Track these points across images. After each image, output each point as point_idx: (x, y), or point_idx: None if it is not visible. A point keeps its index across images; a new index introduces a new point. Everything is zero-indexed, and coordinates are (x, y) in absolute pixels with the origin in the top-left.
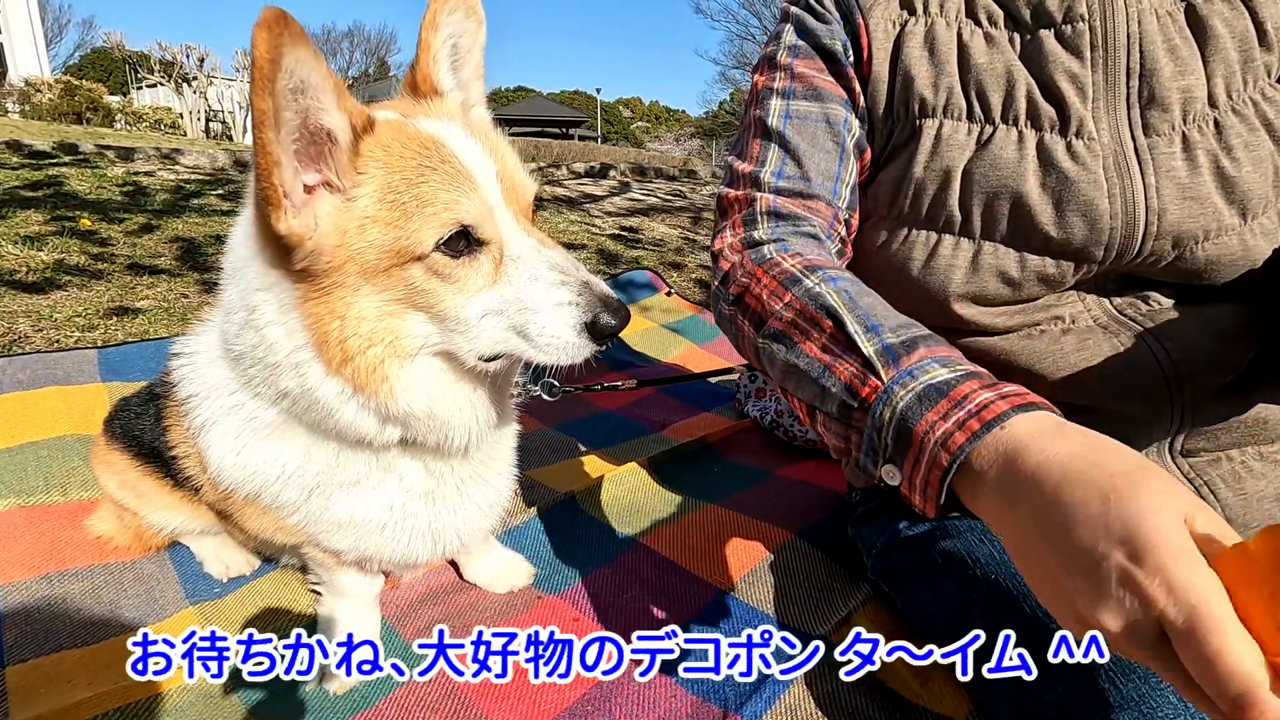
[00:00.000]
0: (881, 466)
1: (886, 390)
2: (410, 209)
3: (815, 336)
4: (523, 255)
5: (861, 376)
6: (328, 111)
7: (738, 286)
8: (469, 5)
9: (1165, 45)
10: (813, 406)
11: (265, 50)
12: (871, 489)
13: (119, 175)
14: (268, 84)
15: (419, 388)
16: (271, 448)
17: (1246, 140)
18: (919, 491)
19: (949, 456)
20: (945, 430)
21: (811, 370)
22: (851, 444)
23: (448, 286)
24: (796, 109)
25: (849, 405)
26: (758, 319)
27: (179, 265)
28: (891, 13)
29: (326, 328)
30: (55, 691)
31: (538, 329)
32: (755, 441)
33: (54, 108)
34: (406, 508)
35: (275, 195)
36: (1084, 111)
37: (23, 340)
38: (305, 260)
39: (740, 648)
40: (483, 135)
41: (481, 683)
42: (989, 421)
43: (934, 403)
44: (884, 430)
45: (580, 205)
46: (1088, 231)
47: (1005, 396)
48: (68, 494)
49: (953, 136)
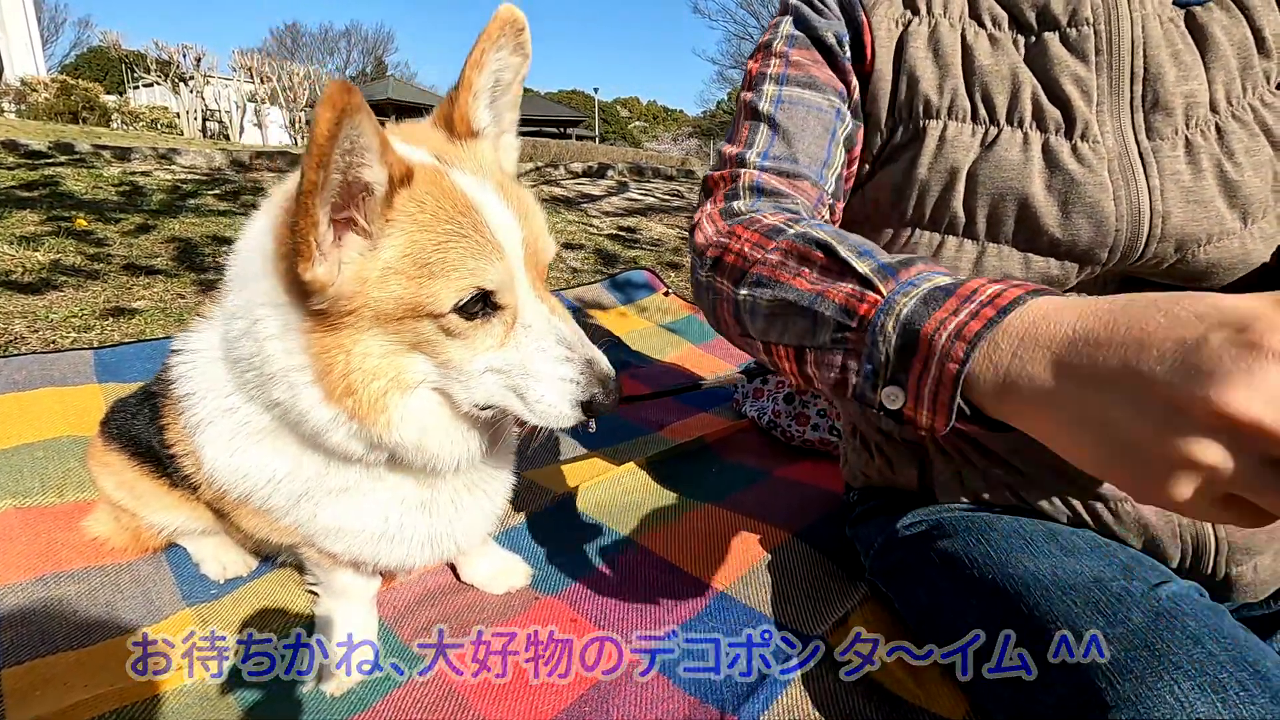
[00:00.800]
0: (882, 390)
1: (888, 301)
2: (434, 270)
3: (805, 272)
4: (534, 324)
5: (858, 294)
6: (370, 167)
7: (715, 249)
8: (519, 41)
9: (1169, 51)
10: (801, 347)
11: (326, 129)
12: (870, 489)
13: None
14: (324, 157)
15: (413, 420)
16: (263, 452)
17: (1247, 145)
18: (928, 403)
19: (965, 346)
20: (958, 323)
21: (802, 300)
22: (849, 372)
23: (456, 342)
24: (789, 94)
25: (845, 326)
26: (739, 273)
27: (176, 265)
28: (894, 12)
29: (332, 360)
30: (52, 693)
31: (535, 396)
32: (753, 442)
33: (50, 107)
34: (403, 519)
35: (308, 251)
36: (1089, 114)
37: (18, 341)
38: (324, 304)
39: (738, 648)
40: (514, 197)
41: (479, 684)
42: (1005, 306)
43: (941, 302)
44: (887, 342)
45: (578, 205)
46: (1093, 233)
47: (1018, 285)
48: (64, 495)
49: (957, 138)
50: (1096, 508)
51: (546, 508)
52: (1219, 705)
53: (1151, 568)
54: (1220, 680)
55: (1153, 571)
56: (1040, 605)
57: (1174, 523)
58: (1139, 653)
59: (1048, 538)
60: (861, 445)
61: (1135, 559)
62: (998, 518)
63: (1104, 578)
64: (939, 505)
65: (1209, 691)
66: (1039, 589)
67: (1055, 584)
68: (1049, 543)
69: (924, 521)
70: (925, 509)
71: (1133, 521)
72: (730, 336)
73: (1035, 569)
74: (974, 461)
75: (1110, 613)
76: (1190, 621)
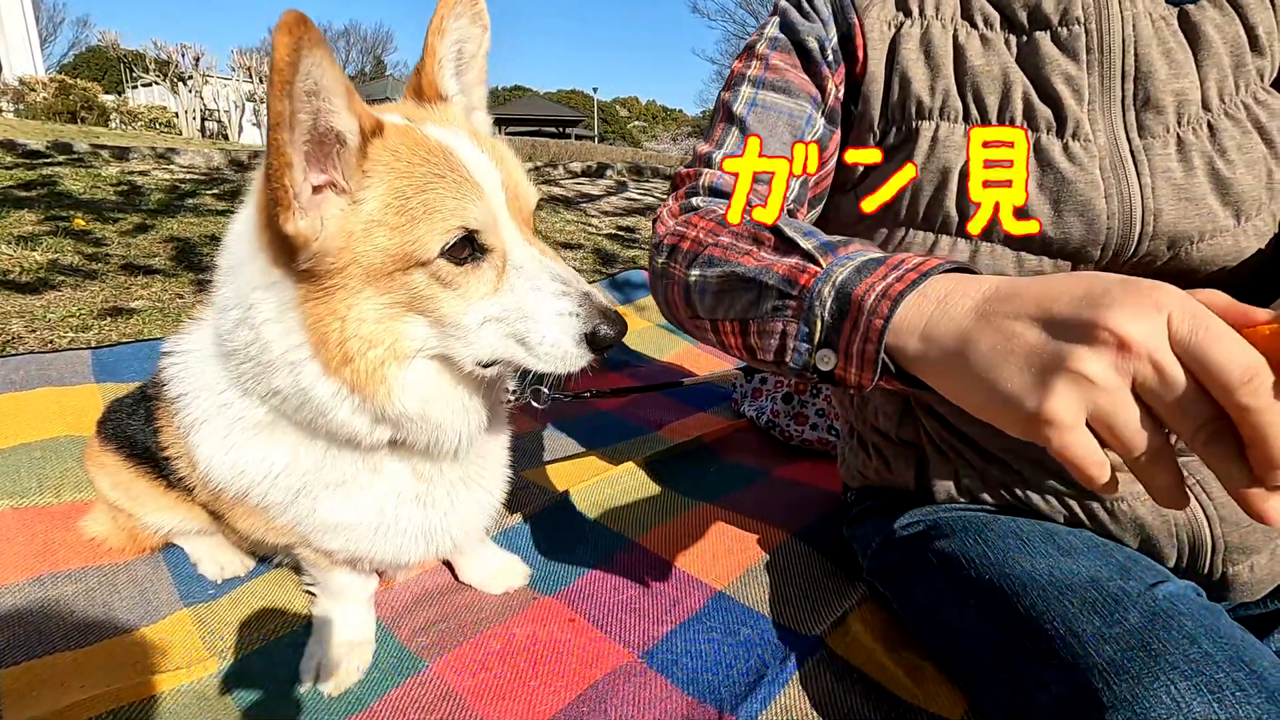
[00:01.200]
0: (817, 353)
1: (826, 272)
2: (417, 215)
3: (754, 250)
4: (525, 265)
5: (800, 267)
6: (338, 114)
7: (672, 237)
8: (475, 11)
9: (1160, 49)
10: (745, 321)
11: (285, 53)
12: (867, 489)
13: (114, 175)
14: (286, 86)
15: (414, 390)
16: (259, 447)
17: (1239, 143)
18: (856, 359)
19: (890, 303)
20: (885, 284)
21: (749, 273)
22: (788, 338)
23: (450, 292)
24: (763, 98)
25: (787, 294)
26: (691, 256)
27: (174, 265)
28: (887, 14)
29: (327, 329)
30: (48, 694)
31: (537, 338)
32: (751, 441)
33: (48, 107)
34: (398, 511)
35: (285, 196)
36: (1080, 113)
37: (16, 341)
38: (310, 261)
39: (736, 647)
40: (488, 144)
41: (477, 684)
42: (927, 271)
43: (873, 270)
44: (823, 306)
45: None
46: (1085, 231)
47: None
48: (61, 495)
49: (949, 138)
50: (1093, 507)
51: (545, 508)
52: (1215, 705)
53: (1148, 567)
54: (1217, 680)
55: (1149, 571)
56: (1037, 605)
57: (1170, 522)
58: (1135, 653)
59: (1045, 538)
60: (859, 445)
61: (1132, 559)
62: (995, 518)
63: (1101, 577)
64: (936, 505)
65: (1205, 691)
66: (1036, 589)
67: (1052, 584)
68: (1046, 543)
69: (921, 522)
70: (922, 509)
71: (1129, 521)
72: (680, 320)
73: (1032, 569)
74: (971, 462)
75: (1107, 613)
76: (1187, 621)
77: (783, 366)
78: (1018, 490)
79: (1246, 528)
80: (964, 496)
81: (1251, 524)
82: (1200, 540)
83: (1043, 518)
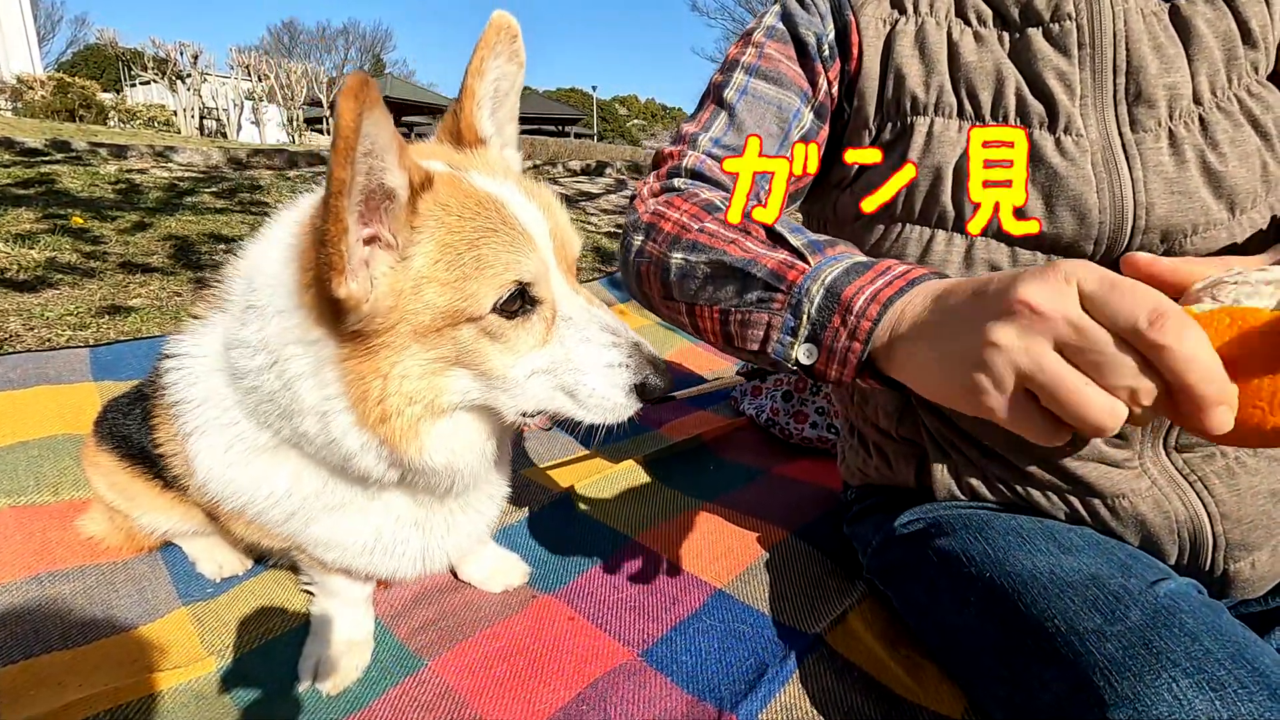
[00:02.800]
0: (799, 346)
1: (815, 270)
2: (469, 271)
3: (740, 240)
4: (575, 315)
5: (789, 263)
6: (390, 171)
7: (652, 216)
8: (513, 49)
9: (1151, 43)
10: (727, 310)
11: (350, 120)
12: (867, 487)
13: (112, 173)
14: (350, 153)
15: (444, 443)
16: (261, 469)
17: (1232, 136)
18: (839, 356)
19: (879, 307)
20: (875, 289)
21: (736, 263)
22: (772, 329)
23: (498, 346)
24: (754, 87)
25: (774, 288)
26: (673, 239)
27: (172, 263)
28: (882, 11)
29: (368, 386)
30: (46, 693)
31: (587, 390)
32: (751, 439)
33: (46, 105)
34: (396, 534)
35: (340, 262)
36: (1072, 108)
37: (14, 339)
38: (359, 323)
39: (736, 645)
40: (534, 192)
41: (477, 682)
42: (915, 279)
43: (861, 273)
44: (811, 302)
45: (576, 203)
46: (1077, 225)
47: (925, 268)
48: (59, 494)
49: (944, 134)
50: (1094, 504)
51: (544, 506)
52: (1217, 703)
53: (1149, 565)
54: (1218, 678)
55: (1150, 569)
56: (1038, 603)
57: (1171, 519)
58: (1137, 650)
59: (1045, 535)
60: (859, 443)
61: (1133, 556)
62: (995, 515)
63: (1102, 575)
64: (937, 503)
65: (1207, 689)
66: (1037, 587)
67: (1053, 582)
68: (1047, 540)
69: (921, 520)
70: (923, 507)
71: (1130, 518)
72: (650, 299)
73: (1033, 567)
74: (972, 459)
75: (1108, 610)
76: (1188, 619)
77: (761, 356)
78: (1018, 487)
79: (1248, 525)
80: (965, 494)
81: (1253, 521)
82: (1201, 537)
83: (1044, 515)
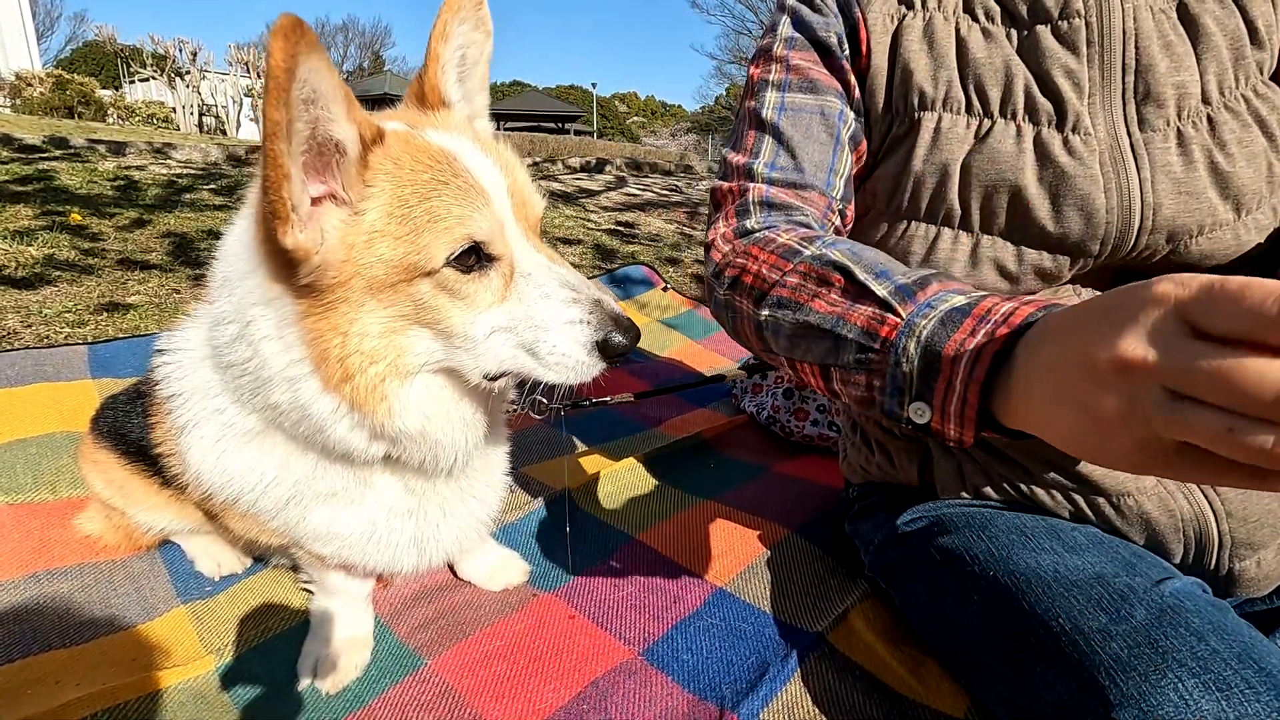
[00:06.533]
0: (909, 405)
1: (908, 324)
2: (421, 224)
3: (824, 293)
4: (534, 272)
5: (879, 318)
6: (337, 122)
7: (733, 269)
8: (479, 16)
9: (1160, 42)
10: (826, 366)
11: (282, 60)
12: (869, 485)
13: (110, 170)
14: (283, 94)
15: (415, 407)
16: (251, 455)
17: (1239, 136)
18: (955, 418)
19: (984, 369)
20: (977, 344)
21: (824, 323)
22: (875, 390)
23: (456, 303)
24: (791, 101)
25: (868, 349)
26: (758, 294)
27: (170, 260)
28: (889, 7)
29: (327, 344)
30: (43, 692)
31: (548, 347)
32: (751, 437)
33: (45, 102)
34: (390, 524)
35: (283, 209)
36: (1080, 107)
37: (12, 336)
38: (311, 275)
39: (737, 644)
40: (493, 148)
41: (476, 681)
42: (1018, 326)
43: (959, 323)
44: (910, 363)
45: (576, 200)
46: (1084, 225)
47: (1030, 303)
48: (57, 492)
49: (951, 130)
50: (1099, 503)
51: (545, 504)
52: (1223, 702)
53: (1154, 564)
54: (1224, 677)
55: (1156, 567)
56: (1042, 602)
57: (1176, 518)
58: (1142, 650)
59: (1049, 534)
60: (861, 441)
61: (1138, 555)
62: (999, 513)
63: (1106, 574)
64: (939, 501)
65: (1213, 688)
66: (1041, 585)
67: (1057, 580)
68: (1051, 539)
69: (924, 518)
70: (925, 505)
71: (1135, 517)
72: (755, 351)
73: (1037, 565)
74: (975, 457)
75: (1113, 609)
76: (1194, 618)
77: (872, 411)
78: (1022, 485)
79: (1254, 523)
80: (968, 492)
81: (1259, 519)
82: (1207, 536)
83: (1048, 513)
